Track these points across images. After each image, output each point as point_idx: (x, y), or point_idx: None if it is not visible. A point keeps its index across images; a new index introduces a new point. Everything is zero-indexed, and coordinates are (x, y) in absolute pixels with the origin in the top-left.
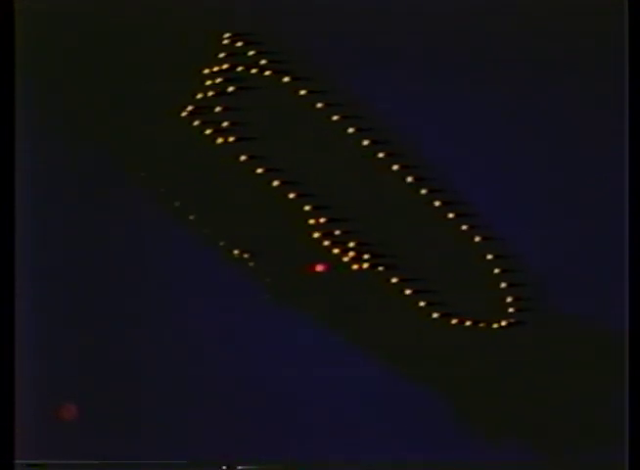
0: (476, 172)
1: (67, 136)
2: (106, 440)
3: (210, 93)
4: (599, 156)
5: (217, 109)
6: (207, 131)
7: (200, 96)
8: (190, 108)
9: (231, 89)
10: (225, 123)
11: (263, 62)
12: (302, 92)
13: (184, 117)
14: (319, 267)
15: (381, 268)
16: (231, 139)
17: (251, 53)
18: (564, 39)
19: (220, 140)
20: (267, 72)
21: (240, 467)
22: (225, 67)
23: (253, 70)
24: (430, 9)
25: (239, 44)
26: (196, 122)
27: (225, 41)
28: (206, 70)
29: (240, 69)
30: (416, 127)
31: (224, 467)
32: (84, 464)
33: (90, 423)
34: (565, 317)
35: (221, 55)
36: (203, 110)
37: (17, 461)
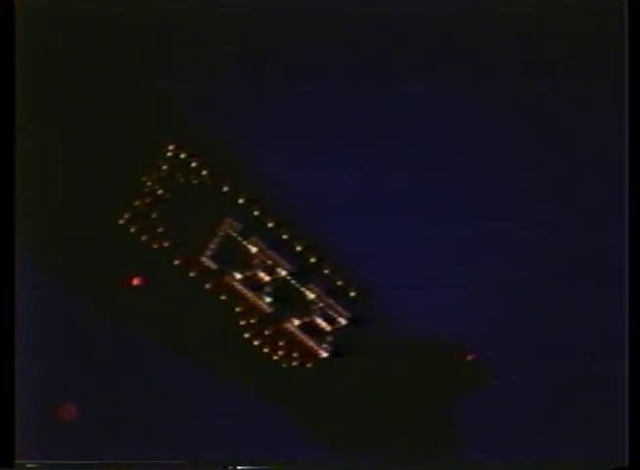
0: (475, 172)
1: (67, 136)
2: (106, 440)
3: (148, 200)
4: (599, 156)
5: (154, 215)
6: (143, 237)
7: (137, 203)
8: (127, 215)
9: (168, 196)
10: (160, 229)
11: (204, 172)
12: (241, 200)
13: (121, 223)
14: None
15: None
16: (166, 244)
17: (193, 164)
18: (564, 39)
19: (155, 245)
20: (208, 182)
21: (239, 467)
22: (164, 175)
23: (194, 181)
24: (430, 9)
25: (182, 155)
26: (132, 229)
27: (169, 153)
28: (147, 180)
29: (180, 178)
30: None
31: (224, 467)
32: (84, 464)
33: (90, 423)
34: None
35: (164, 166)
36: (139, 217)
37: (17, 461)
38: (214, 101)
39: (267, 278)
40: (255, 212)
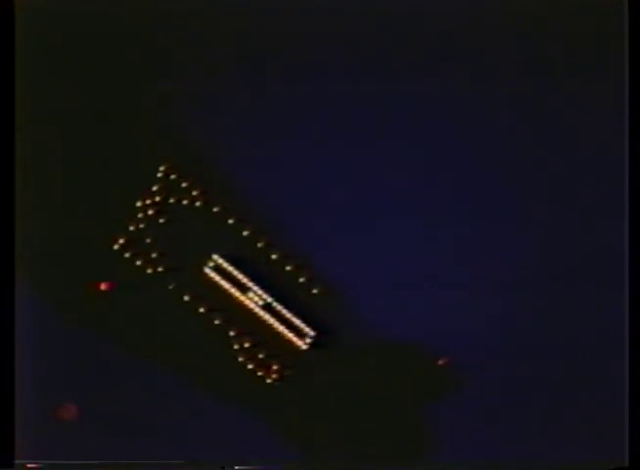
0: (475, 172)
1: (67, 136)
2: (106, 440)
3: (142, 225)
4: (599, 156)
5: (148, 240)
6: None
7: (132, 228)
8: (122, 240)
9: (162, 220)
10: (154, 254)
11: (195, 193)
12: (231, 221)
13: (116, 249)
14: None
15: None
16: (160, 269)
17: (183, 184)
18: (564, 39)
19: (150, 270)
20: (198, 203)
21: (238, 467)
22: (158, 199)
23: (185, 202)
24: (430, 9)
25: (172, 176)
26: (127, 254)
27: (159, 174)
28: (139, 203)
29: (172, 200)
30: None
31: (223, 467)
32: (84, 464)
33: (90, 423)
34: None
35: (154, 187)
36: (134, 242)
37: (17, 461)
38: (214, 101)
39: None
40: (245, 233)
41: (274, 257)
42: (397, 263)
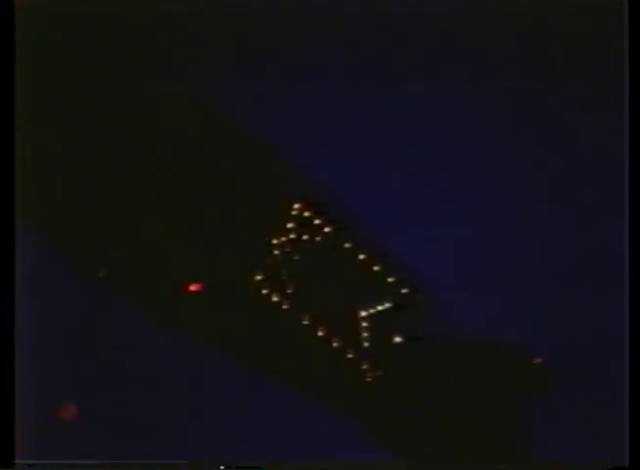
0: (475, 172)
1: (66, 136)
2: (106, 440)
3: (279, 261)
4: (599, 156)
5: (284, 276)
6: (275, 298)
7: (269, 262)
8: (260, 276)
9: (297, 257)
10: (290, 290)
11: (327, 229)
12: (362, 256)
13: (254, 284)
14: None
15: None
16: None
17: (317, 221)
18: (564, 39)
19: (286, 306)
20: (331, 239)
21: (239, 467)
22: (292, 236)
23: (318, 238)
24: (430, 9)
25: (307, 214)
26: (265, 290)
27: (294, 212)
28: (275, 240)
29: (305, 237)
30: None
31: (222, 467)
32: (84, 464)
33: (90, 423)
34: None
35: (289, 225)
36: (271, 277)
37: (17, 461)
38: (214, 101)
39: None
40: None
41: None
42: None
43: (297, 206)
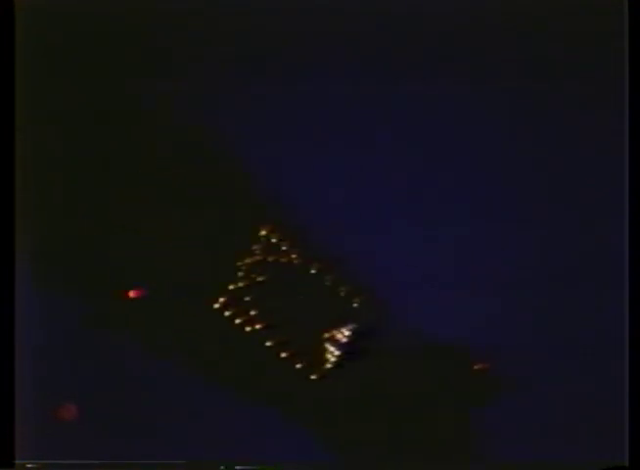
0: (475, 172)
1: (66, 136)
2: (106, 440)
3: (242, 283)
4: (599, 156)
5: (247, 298)
6: (237, 320)
7: (232, 287)
8: (222, 299)
9: (260, 279)
10: (253, 312)
11: (294, 255)
12: (328, 282)
13: (217, 308)
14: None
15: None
16: (258, 326)
17: (283, 247)
18: (564, 39)
19: (248, 328)
20: (296, 262)
21: (239, 467)
22: (258, 258)
23: (283, 260)
24: (430, 9)
25: (273, 239)
26: (227, 313)
27: (262, 234)
28: (239, 262)
29: (271, 259)
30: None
31: (222, 467)
32: (84, 464)
33: (90, 423)
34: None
35: (255, 247)
36: (235, 300)
37: (17, 461)
38: (214, 101)
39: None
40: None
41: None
42: (398, 264)
43: (264, 230)
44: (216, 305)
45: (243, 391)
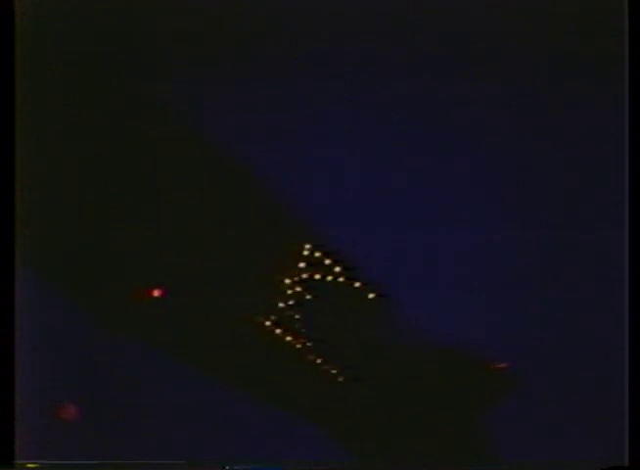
0: (475, 172)
1: (67, 136)
2: (106, 440)
3: (291, 302)
4: (599, 156)
5: (297, 316)
6: (288, 338)
7: (281, 305)
8: (273, 317)
9: (309, 297)
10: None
11: (337, 269)
12: (371, 296)
13: (267, 325)
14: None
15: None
16: (308, 344)
17: (327, 262)
18: (564, 39)
19: (299, 345)
20: (340, 279)
21: (239, 467)
22: (304, 276)
23: (329, 278)
24: (430, 9)
25: (317, 254)
26: (277, 330)
27: (305, 252)
28: (287, 280)
29: (317, 277)
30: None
31: (225, 467)
32: (84, 464)
33: (90, 423)
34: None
35: (301, 264)
36: (284, 318)
37: (17, 461)
38: (214, 101)
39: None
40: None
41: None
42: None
43: (307, 246)
44: (267, 323)
45: (287, 405)
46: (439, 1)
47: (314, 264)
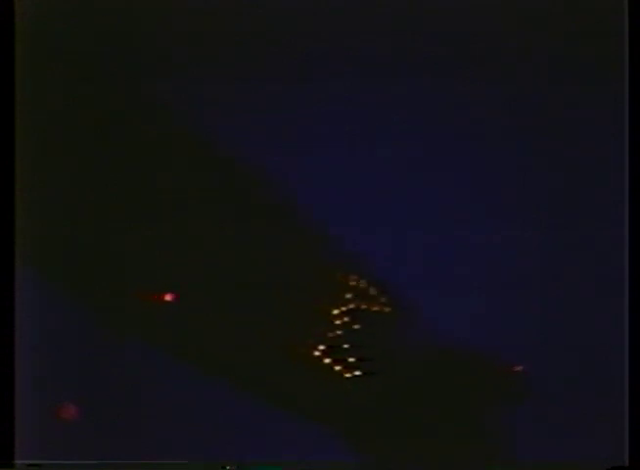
0: (475, 172)
1: (67, 136)
2: (106, 440)
3: (339, 332)
4: (599, 156)
5: (345, 345)
6: (337, 367)
7: (330, 335)
8: (322, 347)
9: (357, 326)
10: (352, 359)
11: (383, 299)
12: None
13: (317, 355)
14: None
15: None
16: (357, 373)
17: (372, 292)
18: (564, 39)
19: (348, 374)
20: (387, 309)
21: (240, 467)
22: (352, 306)
23: (375, 308)
24: (430, 9)
25: (363, 284)
26: (327, 360)
27: (352, 282)
28: (336, 311)
29: (364, 306)
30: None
31: (227, 467)
32: (84, 464)
33: (90, 423)
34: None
35: (348, 295)
36: (333, 348)
37: (17, 461)
38: (215, 101)
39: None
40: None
41: None
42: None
43: (354, 277)
44: (317, 353)
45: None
46: (439, 1)
47: (361, 295)
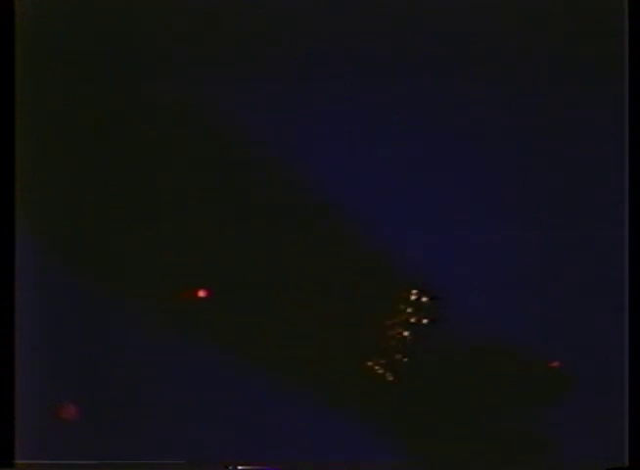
0: (475, 172)
1: (67, 136)
2: (106, 440)
3: (393, 342)
4: (599, 156)
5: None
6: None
7: (384, 345)
8: (382, 361)
9: (409, 337)
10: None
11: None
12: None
13: (369, 365)
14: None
15: None
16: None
17: (433, 305)
18: (564, 39)
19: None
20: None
21: (240, 467)
22: (405, 318)
23: (425, 320)
24: (430, 9)
25: (424, 299)
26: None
27: (413, 297)
28: (389, 322)
29: (415, 319)
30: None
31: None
32: (84, 464)
33: (90, 423)
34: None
35: (408, 309)
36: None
37: (17, 461)
38: (214, 101)
39: None
40: None
41: None
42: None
43: (414, 291)
44: (370, 363)
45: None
46: (439, 1)
47: (420, 309)
